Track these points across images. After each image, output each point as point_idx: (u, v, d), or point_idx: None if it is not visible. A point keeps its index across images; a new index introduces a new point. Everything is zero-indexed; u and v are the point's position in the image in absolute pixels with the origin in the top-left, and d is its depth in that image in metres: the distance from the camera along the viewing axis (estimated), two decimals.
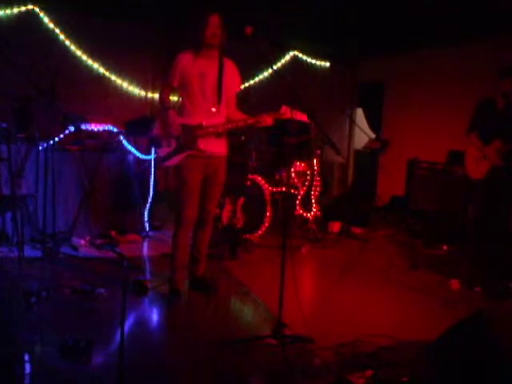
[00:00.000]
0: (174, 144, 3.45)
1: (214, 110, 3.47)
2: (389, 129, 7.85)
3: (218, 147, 3.54)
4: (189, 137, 3.42)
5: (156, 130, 3.56)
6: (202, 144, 3.44)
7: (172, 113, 3.46)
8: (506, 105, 4.23)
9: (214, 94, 3.46)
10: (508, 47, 5.57)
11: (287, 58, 7.39)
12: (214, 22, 3.34)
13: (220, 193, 3.74)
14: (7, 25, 5.31)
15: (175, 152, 3.45)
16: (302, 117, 3.19)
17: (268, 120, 3.34)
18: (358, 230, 6.11)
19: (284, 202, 5.63)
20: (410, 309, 3.72)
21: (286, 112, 3.22)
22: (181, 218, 3.53)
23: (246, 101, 5.73)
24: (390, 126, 7.85)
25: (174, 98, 3.80)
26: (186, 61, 3.44)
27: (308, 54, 7.63)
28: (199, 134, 3.42)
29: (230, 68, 3.57)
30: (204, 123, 3.43)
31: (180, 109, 3.52)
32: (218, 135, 3.51)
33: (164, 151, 3.49)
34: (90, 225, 5.04)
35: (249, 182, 5.62)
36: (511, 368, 2.18)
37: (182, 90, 3.50)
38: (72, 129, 4.85)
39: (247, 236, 5.42)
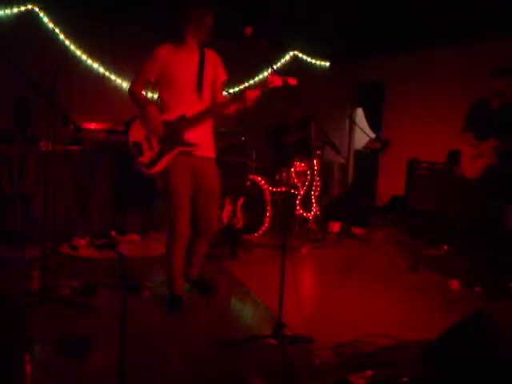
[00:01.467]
0: (156, 146, 3.22)
1: (196, 99, 3.26)
2: (389, 129, 7.86)
3: (205, 148, 3.34)
4: (173, 132, 3.19)
5: (133, 134, 3.24)
6: (188, 136, 3.22)
7: (153, 108, 3.20)
8: (500, 105, 4.25)
9: (195, 83, 3.26)
10: (508, 47, 5.57)
11: (287, 57, 7.40)
12: (211, 20, 3.25)
13: (218, 200, 3.53)
14: (7, 25, 5.31)
15: (161, 154, 3.20)
16: (291, 80, 2.99)
17: (256, 92, 3.11)
18: (358, 230, 6.11)
19: (284, 202, 5.63)
20: (409, 309, 3.72)
21: (273, 80, 3.01)
22: (174, 234, 3.31)
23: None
24: (390, 125, 7.86)
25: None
26: (166, 54, 3.24)
27: (308, 54, 7.64)
28: (184, 126, 3.20)
29: (213, 58, 3.39)
30: (187, 114, 3.21)
31: (160, 106, 3.30)
32: (204, 123, 3.29)
33: (147, 156, 3.20)
34: (90, 225, 5.04)
35: (249, 182, 5.62)
36: (511, 368, 2.17)
37: (161, 84, 3.29)
38: (72, 129, 4.83)
39: (247, 236, 5.43)
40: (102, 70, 5.97)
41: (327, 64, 7.88)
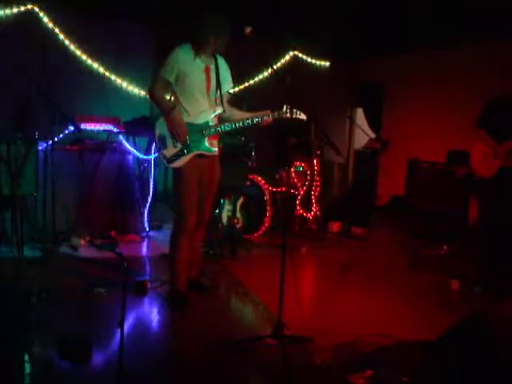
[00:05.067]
0: (179, 145, 3.38)
1: (216, 109, 3.48)
2: (389, 129, 7.84)
3: (214, 146, 3.56)
4: (196, 136, 3.40)
5: (160, 129, 3.42)
6: (209, 143, 3.46)
7: (177, 112, 3.36)
8: None
9: (210, 92, 3.44)
10: (508, 47, 5.57)
11: (287, 57, 7.38)
12: (230, 32, 3.34)
13: (215, 192, 3.70)
14: (7, 25, 5.30)
15: (182, 153, 3.38)
16: (302, 116, 3.36)
17: (271, 120, 3.45)
18: (358, 230, 6.11)
19: (284, 202, 5.63)
20: (409, 309, 3.72)
21: (286, 112, 3.33)
22: (183, 225, 3.47)
23: (246, 101, 5.74)
24: (390, 125, 7.84)
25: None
26: (185, 56, 3.36)
27: (308, 54, 7.63)
28: (206, 133, 3.42)
29: (224, 64, 3.56)
30: (210, 122, 3.44)
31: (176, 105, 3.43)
32: (220, 134, 3.54)
33: (170, 151, 3.39)
34: (90, 225, 5.03)
35: (249, 182, 5.62)
36: (511, 368, 2.18)
37: (178, 86, 3.39)
38: (71, 129, 4.84)
39: (247, 236, 5.43)
40: (101, 69, 5.96)
41: (327, 64, 7.86)
